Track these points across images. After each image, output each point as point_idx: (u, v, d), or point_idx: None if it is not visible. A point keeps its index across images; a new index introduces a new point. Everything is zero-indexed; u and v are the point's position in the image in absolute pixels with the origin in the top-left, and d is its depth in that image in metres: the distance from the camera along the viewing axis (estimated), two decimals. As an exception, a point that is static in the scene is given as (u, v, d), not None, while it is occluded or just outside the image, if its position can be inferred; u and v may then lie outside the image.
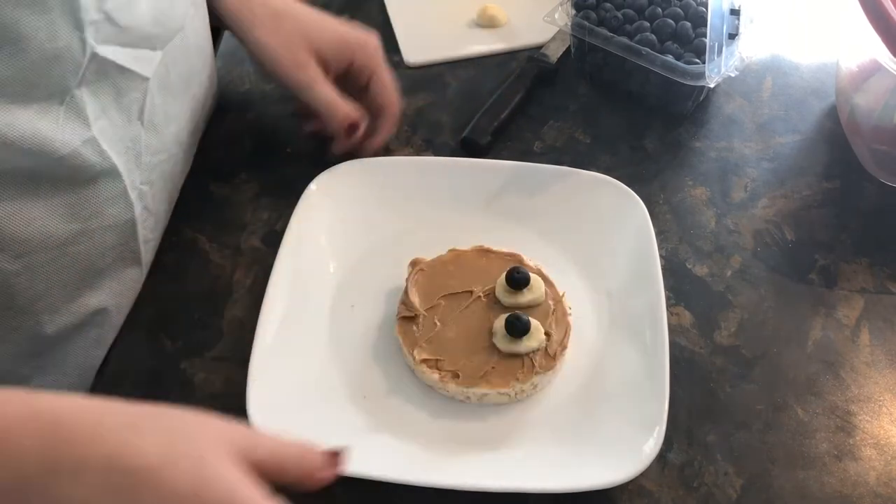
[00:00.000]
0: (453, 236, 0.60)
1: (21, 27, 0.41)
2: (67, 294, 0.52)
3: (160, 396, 0.55)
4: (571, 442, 0.52)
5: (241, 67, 0.76)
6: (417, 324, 0.55)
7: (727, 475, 0.52)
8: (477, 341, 0.54)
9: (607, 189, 0.62)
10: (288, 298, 0.57)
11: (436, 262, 0.58)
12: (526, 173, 0.64)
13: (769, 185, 0.67)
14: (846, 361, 0.57)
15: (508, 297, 0.55)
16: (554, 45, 0.77)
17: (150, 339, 0.58)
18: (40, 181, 0.47)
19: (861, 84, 0.67)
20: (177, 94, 0.58)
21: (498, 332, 0.54)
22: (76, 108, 0.46)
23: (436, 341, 0.54)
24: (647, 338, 0.54)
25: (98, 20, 0.45)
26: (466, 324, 0.55)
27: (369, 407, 0.54)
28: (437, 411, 0.53)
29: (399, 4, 0.82)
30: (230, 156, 0.69)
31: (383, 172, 0.64)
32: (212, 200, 0.66)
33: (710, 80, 0.65)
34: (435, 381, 0.53)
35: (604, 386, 0.54)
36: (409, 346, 0.54)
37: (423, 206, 0.63)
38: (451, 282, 0.57)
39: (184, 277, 0.61)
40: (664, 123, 0.72)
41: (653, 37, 0.68)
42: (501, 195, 0.64)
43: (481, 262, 0.58)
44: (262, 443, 0.41)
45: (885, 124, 0.65)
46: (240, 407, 0.54)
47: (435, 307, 0.56)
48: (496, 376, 0.52)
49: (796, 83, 0.76)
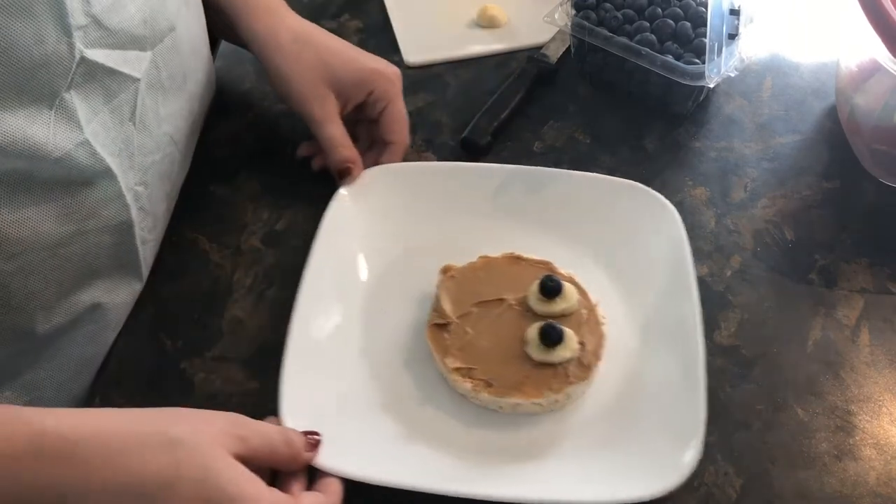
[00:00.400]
0: (482, 242, 0.60)
1: (8, 33, 0.41)
2: (62, 292, 0.52)
3: (160, 396, 0.55)
4: (607, 453, 0.51)
5: (241, 67, 0.76)
6: (449, 331, 0.54)
7: (727, 475, 0.52)
8: (509, 350, 0.53)
9: (639, 196, 0.61)
10: (319, 305, 0.56)
11: (467, 269, 0.58)
12: (556, 179, 0.63)
13: (769, 185, 0.67)
14: (846, 361, 0.57)
15: (541, 305, 0.55)
16: (554, 46, 0.77)
17: (150, 339, 0.58)
18: (34, 184, 0.47)
19: (861, 84, 0.67)
20: (169, 94, 0.58)
21: (531, 340, 0.53)
22: (67, 111, 0.46)
23: (468, 349, 0.53)
24: (683, 348, 0.53)
25: (86, 24, 0.45)
26: (498, 332, 0.54)
27: (401, 415, 0.53)
28: (469, 420, 0.53)
29: (399, 4, 0.82)
30: (230, 156, 0.69)
31: (412, 178, 0.64)
32: (212, 200, 0.66)
33: (710, 80, 0.65)
34: (467, 389, 0.52)
35: (639, 396, 0.53)
36: (440, 354, 0.53)
37: (451, 212, 0.63)
38: (482, 289, 0.56)
39: (184, 277, 0.61)
40: (664, 123, 0.72)
41: (653, 37, 0.68)
42: (531, 201, 0.63)
43: (512, 269, 0.57)
44: (254, 430, 0.46)
45: (885, 124, 0.65)
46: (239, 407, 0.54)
47: (467, 315, 0.55)
48: (529, 386, 0.52)
49: (796, 83, 0.76)
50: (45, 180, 0.47)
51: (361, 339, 0.56)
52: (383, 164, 0.64)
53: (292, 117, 0.70)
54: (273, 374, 0.56)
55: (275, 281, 0.61)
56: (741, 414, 0.54)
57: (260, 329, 0.58)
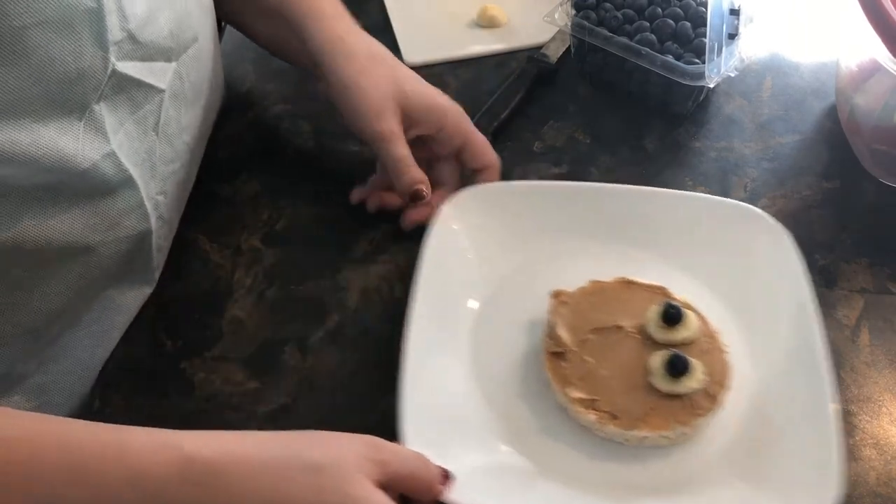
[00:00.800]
0: (587, 265, 0.58)
1: (49, 49, 0.42)
2: (78, 297, 0.53)
3: (160, 396, 0.55)
4: (742, 485, 0.49)
5: (242, 67, 0.76)
6: (567, 360, 0.52)
7: (727, 475, 0.52)
8: (631, 380, 0.51)
9: (751, 219, 0.59)
10: (430, 333, 0.54)
11: (579, 295, 0.55)
12: (662, 199, 0.61)
13: (769, 185, 0.67)
14: (846, 361, 0.57)
15: (661, 333, 0.53)
16: (554, 45, 0.77)
17: (150, 339, 0.58)
18: (60, 195, 0.47)
19: (861, 84, 0.67)
20: (189, 104, 0.58)
21: (655, 370, 0.51)
22: (95, 122, 0.47)
23: (589, 379, 0.51)
24: (808, 376, 0.51)
25: (121, 39, 0.46)
26: (618, 361, 0.52)
27: (522, 447, 0.51)
28: (591, 453, 0.51)
29: (399, 4, 0.82)
30: (230, 156, 0.69)
31: (512, 199, 0.61)
32: (212, 200, 0.66)
33: (710, 80, 0.65)
34: (591, 422, 0.50)
35: (767, 427, 0.51)
36: (560, 384, 0.51)
37: (555, 234, 0.61)
38: (596, 315, 0.54)
39: (184, 277, 0.61)
40: (664, 123, 0.72)
41: (653, 37, 0.68)
42: (637, 223, 0.60)
43: (625, 294, 0.55)
44: (393, 452, 0.44)
45: (885, 124, 0.65)
46: (240, 406, 0.54)
47: (584, 342, 0.53)
48: (656, 418, 0.50)
49: (796, 83, 0.76)
50: (71, 191, 0.47)
51: (473, 367, 0.55)
52: (481, 185, 0.62)
53: (292, 117, 0.71)
54: (273, 374, 0.56)
55: (275, 281, 0.61)
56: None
57: (260, 329, 0.58)
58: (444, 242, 0.58)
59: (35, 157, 0.43)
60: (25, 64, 0.41)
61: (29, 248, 0.47)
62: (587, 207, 0.61)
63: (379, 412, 0.54)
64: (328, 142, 0.70)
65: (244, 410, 0.54)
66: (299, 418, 0.54)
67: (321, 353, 0.57)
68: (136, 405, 0.55)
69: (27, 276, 0.48)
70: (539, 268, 0.60)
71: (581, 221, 0.61)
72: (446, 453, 0.47)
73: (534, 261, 0.60)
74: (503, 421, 0.52)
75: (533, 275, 0.59)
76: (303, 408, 0.55)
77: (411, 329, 0.53)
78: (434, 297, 0.55)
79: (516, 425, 0.52)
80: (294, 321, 0.59)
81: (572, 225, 0.61)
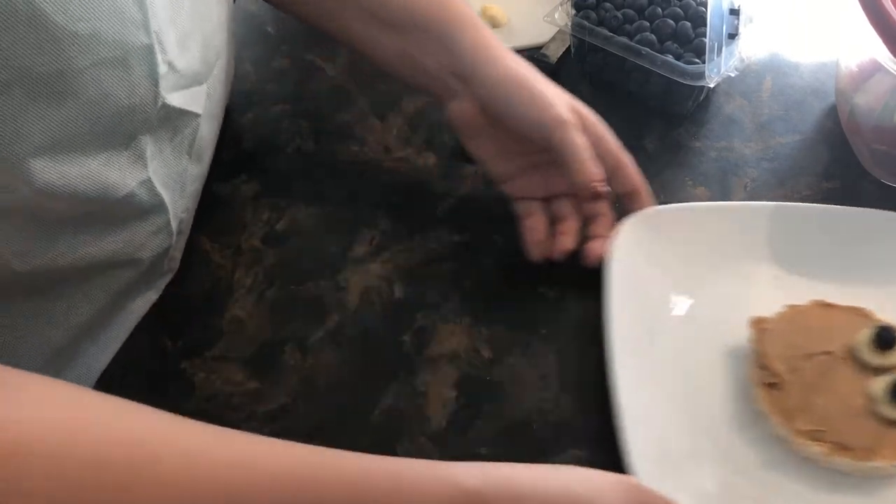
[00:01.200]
0: (777, 288, 0.57)
1: (104, 85, 0.42)
2: (100, 313, 0.53)
3: (160, 396, 0.55)
4: None
5: (242, 67, 0.76)
6: (782, 390, 0.51)
7: (727, 475, 0.52)
8: (853, 408, 0.50)
9: None
10: (632, 368, 0.52)
11: (779, 321, 0.54)
12: (846, 217, 0.60)
13: (769, 185, 0.67)
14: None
15: (876, 357, 0.51)
16: (554, 45, 0.77)
17: (151, 339, 0.58)
18: (95, 222, 0.47)
19: (861, 84, 0.67)
20: (213, 119, 0.58)
21: (880, 397, 0.49)
22: (138, 152, 0.47)
23: (809, 410, 0.50)
24: None
25: (166, 71, 0.46)
26: (835, 389, 0.50)
27: (747, 480, 0.50)
28: (815, 485, 0.49)
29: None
30: (230, 156, 0.69)
31: (688, 221, 0.60)
32: (212, 200, 0.66)
33: (710, 80, 0.65)
34: (818, 454, 0.49)
35: None
36: (780, 417, 0.50)
37: (739, 258, 0.59)
38: (802, 342, 0.52)
39: (184, 277, 0.61)
40: (664, 123, 0.72)
41: (653, 37, 0.68)
42: (823, 243, 0.59)
43: (824, 318, 0.54)
44: (653, 497, 0.42)
45: (885, 124, 0.65)
46: (240, 406, 0.54)
47: (796, 371, 0.51)
48: (888, 447, 0.48)
49: (796, 83, 0.76)
50: (105, 217, 0.48)
51: (683, 401, 0.53)
52: (657, 207, 0.60)
53: (292, 117, 0.71)
54: (273, 374, 0.56)
55: (275, 281, 0.61)
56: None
57: (260, 329, 0.58)
58: (627, 272, 0.56)
59: (81, 189, 0.43)
60: (80, 101, 0.41)
61: (59, 272, 0.47)
62: (769, 228, 0.60)
63: (379, 412, 0.54)
64: (328, 142, 0.70)
65: (244, 410, 0.54)
66: (299, 418, 0.54)
67: (321, 353, 0.57)
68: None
69: (50, 296, 0.49)
70: (723, 294, 0.58)
71: (761, 243, 0.60)
72: (678, 488, 0.46)
73: (716, 286, 0.58)
74: (725, 455, 0.51)
75: (720, 301, 0.57)
76: (303, 408, 0.55)
77: (615, 362, 0.52)
78: (627, 331, 0.54)
79: (739, 459, 0.51)
80: (294, 321, 0.59)
81: (754, 246, 0.59)
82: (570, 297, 0.60)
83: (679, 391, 0.54)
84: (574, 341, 0.58)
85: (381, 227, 0.64)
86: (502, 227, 0.64)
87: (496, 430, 0.54)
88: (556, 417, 0.54)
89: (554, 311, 0.59)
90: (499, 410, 0.55)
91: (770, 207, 0.61)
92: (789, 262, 0.59)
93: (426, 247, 0.63)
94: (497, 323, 0.59)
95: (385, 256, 0.62)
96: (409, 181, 0.67)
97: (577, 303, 0.59)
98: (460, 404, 0.55)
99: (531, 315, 0.59)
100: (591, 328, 0.57)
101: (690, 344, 0.56)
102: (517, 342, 0.58)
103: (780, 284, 0.58)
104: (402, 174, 0.68)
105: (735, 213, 0.61)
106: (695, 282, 0.58)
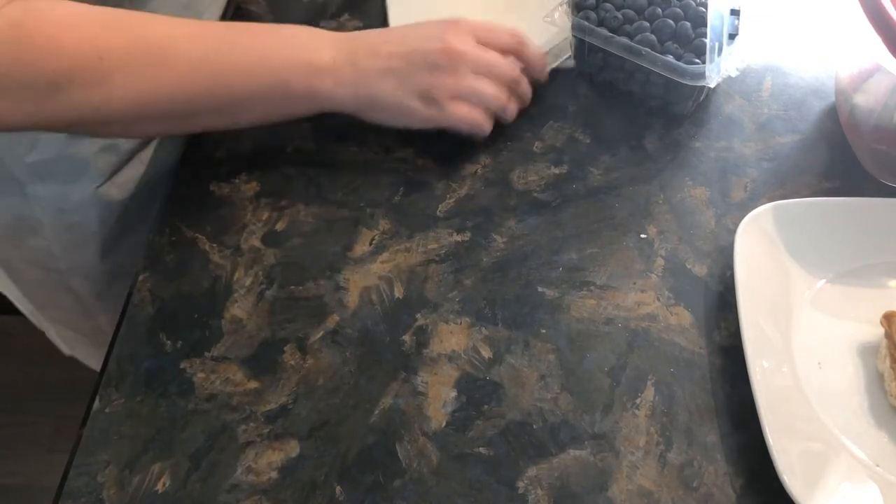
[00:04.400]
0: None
1: None
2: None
3: (160, 396, 0.55)
4: None
5: (241, 67, 0.75)
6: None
7: (727, 475, 0.52)
8: None
9: None
10: (766, 363, 0.54)
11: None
12: None
13: (769, 185, 0.67)
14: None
15: None
16: (554, 46, 0.77)
17: (151, 339, 0.58)
18: None
19: (861, 84, 0.67)
20: None
21: None
22: None
23: None
24: None
25: None
26: None
27: (889, 479, 0.51)
28: None
29: (399, 4, 0.82)
30: (230, 156, 0.69)
31: (817, 216, 0.61)
32: (212, 200, 0.66)
33: (711, 80, 0.65)
34: None
35: None
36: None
37: (868, 253, 0.60)
38: None
39: (184, 277, 0.61)
40: (664, 123, 0.72)
41: (653, 37, 0.68)
42: None
43: None
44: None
45: (885, 124, 0.65)
46: (240, 406, 0.54)
47: None
48: None
49: (796, 83, 0.76)
50: None
51: (818, 398, 0.54)
52: (786, 202, 0.62)
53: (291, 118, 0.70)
54: (273, 374, 0.56)
55: (275, 281, 0.61)
56: (741, 414, 0.54)
57: (260, 329, 0.58)
58: (754, 261, 0.58)
59: None
60: None
61: None
62: (887, 222, 0.61)
63: (379, 412, 0.54)
64: (328, 142, 0.70)
65: (244, 410, 0.54)
66: (299, 418, 0.54)
67: (321, 353, 0.57)
68: (136, 405, 0.55)
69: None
70: (840, 288, 0.59)
71: (881, 236, 0.61)
72: (827, 484, 0.48)
73: (831, 280, 0.60)
74: (871, 448, 0.52)
75: (842, 296, 0.59)
76: (303, 408, 0.55)
77: (750, 356, 0.53)
78: (759, 330, 0.55)
79: (875, 454, 0.52)
80: (294, 321, 0.59)
81: (874, 240, 0.61)
82: (570, 297, 0.60)
83: (817, 389, 0.54)
84: (574, 341, 0.58)
85: (381, 227, 0.64)
86: (502, 226, 0.64)
87: (496, 430, 0.54)
88: (556, 417, 0.54)
89: (554, 311, 0.59)
90: (499, 410, 0.55)
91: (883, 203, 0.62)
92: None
93: (426, 247, 0.63)
94: (497, 323, 0.59)
95: (385, 256, 0.62)
96: (409, 181, 0.67)
97: (578, 303, 0.60)
98: (460, 404, 0.55)
99: (531, 315, 0.59)
100: (591, 328, 0.57)
101: (822, 340, 0.57)
102: (517, 342, 0.58)
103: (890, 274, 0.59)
104: (402, 174, 0.68)
105: (865, 208, 0.62)
106: (824, 276, 0.60)
